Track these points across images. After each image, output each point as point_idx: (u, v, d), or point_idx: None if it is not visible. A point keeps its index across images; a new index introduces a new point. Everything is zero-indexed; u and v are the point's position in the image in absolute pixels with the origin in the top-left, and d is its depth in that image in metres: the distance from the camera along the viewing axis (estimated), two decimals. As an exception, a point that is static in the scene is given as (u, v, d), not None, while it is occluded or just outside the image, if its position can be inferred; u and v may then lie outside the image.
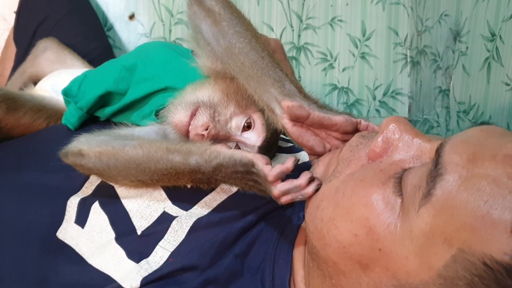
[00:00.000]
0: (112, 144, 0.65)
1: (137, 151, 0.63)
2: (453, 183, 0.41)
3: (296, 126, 0.61)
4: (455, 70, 1.22)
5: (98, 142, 0.67)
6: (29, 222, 0.74)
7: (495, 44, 1.00)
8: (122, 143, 0.65)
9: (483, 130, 0.46)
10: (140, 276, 0.61)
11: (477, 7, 1.09)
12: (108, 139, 0.68)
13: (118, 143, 0.65)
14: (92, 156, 0.66)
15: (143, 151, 0.63)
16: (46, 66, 1.15)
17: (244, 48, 0.64)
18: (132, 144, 0.64)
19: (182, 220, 0.65)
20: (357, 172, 0.51)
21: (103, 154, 0.66)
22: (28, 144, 0.89)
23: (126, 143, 0.65)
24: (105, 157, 0.66)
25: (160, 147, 0.62)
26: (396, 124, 0.50)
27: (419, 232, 0.42)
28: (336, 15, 1.58)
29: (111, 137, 0.69)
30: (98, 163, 0.67)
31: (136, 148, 0.63)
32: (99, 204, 0.71)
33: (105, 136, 0.69)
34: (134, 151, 0.63)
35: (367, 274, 0.46)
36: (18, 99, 0.92)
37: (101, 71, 0.88)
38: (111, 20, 1.58)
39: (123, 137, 0.69)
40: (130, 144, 0.64)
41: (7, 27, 1.52)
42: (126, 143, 0.65)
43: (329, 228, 0.49)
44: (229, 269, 0.61)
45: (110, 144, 0.66)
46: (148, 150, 0.62)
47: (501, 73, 0.99)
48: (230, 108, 0.71)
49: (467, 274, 0.39)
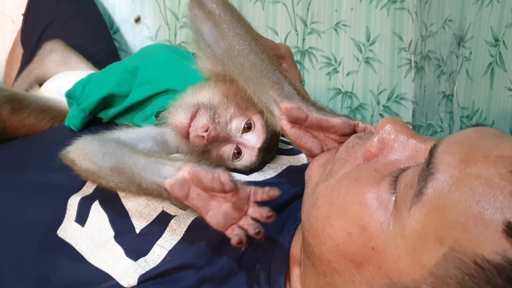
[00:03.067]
0: (95, 162, 0.65)
1: (112, 178, 0.63)
2: (445, 182, 0.41)
3: (294, 128, 0.61)
4: (458, 75, 1.22)
5: (85, 153, 0.67)
6: (30, 220, 0.75)
7: (499, 50, 1.00)
8: (102, 163, 0.65)
9: (477, 131, 0.46)
10: (138, 273, 0.61)
11: (481, 12, 1.10)
12: (96, 149, 0.67)
13: (99, 161, 0.65)
14: (82, 169, 0.68)
15: (117, 179, 0.63)
16: (52, 67, 1.17)
17: (243, 50, 0.65)
18: (109, 166, 0.64)
19: (180, 219, 0.66)
20: (352, 172, 0.51)
21: (89, 170, 0.66)
22: (31, 144, 0.90)
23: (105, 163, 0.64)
24: (91, 174, 0.67)
25: (129, 178, 0.61)
26: (391, 124, 0.51)
27: (411, 230, 0.42)
28: (341, 19, 1.59)
29: (101, 145, 0.67)
30: (88, 177, 0.68)
31: (111, 175, 0.63)
32: (99, 203, 0.72)
33: (96, 145, 0.67)
34: (110, 177, 0.64)
35: (360, 273, 0.47)
36: (23, 100, 0.93)
37: (104, 73, 0.89)
38: (117, 23, 1.60)
39: (110, 145, 0.67)
40: (108, 165, 0.64)
41: (15, 29, 1.53)
42: (104, 165, 0.64)
43: (324, 226, 0.50)
44: (225, 267, 0.61)
45: (94, 160, 0.66)
46: (120, 179, 0.63)
47: (504, 78, 0.99)
48: (230, 109, 0.72)
49: (458, 272, 0.39)
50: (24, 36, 1.35)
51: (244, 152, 0.73)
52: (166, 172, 0.57)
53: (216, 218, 0.53)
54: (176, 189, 0.54)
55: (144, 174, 0.59)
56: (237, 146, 0.72)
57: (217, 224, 0.53)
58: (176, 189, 0.54)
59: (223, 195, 0.54)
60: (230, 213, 0.53)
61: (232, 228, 0.53)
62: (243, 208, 0.54)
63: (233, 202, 0.54)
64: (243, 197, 0.54)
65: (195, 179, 0.53)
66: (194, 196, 0.54)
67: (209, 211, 0.54)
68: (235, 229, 0.53)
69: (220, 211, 0.53)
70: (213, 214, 0.53)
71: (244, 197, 0.54)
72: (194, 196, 0.54)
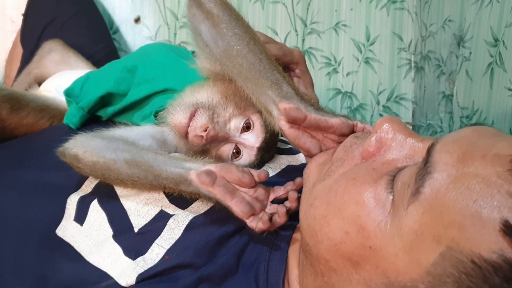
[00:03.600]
0: (105, 155, 0.67)
1: (126, 170, 0.66)
2: (442, 181, 0.41)
3: (293, 128, 0.61)
4: (458, 75, 1.22)
5: (92, 148, 0.68)
6: (29, 219, 0.75)
7: (498, 50, 1.00)
8: (114, 156, 0.66)
9: (475, 130, 0.46)
10: (136, 272, 0.62)
11: (480, 12, 1.10)
12: (102, 145, 0.68)
13: (110, 154, 0.67)
14: (87, 164, 0.68)
15: (132, 171, 0.65)
16: (51, 67, 1.17)
17: (242, 50, 0.65)
18: (123, 159, 0.66)
19: (178, 218, 0.66)
20: (350, 171, 0.51)
21: (96, 165, 0.67)
22: (30, 143, 0.90)
23: (118, 156, 0.66)
24: (99, 168, 0.68)
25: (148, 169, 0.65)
26: (389, 124, 0.51)
27: (408, 229, 0.42)
28: (341, 20, 1.59)
29: (107, 141, 0.69)
30: (93, 172, 0.69)
31: (125, 167, 0.66)
32: (98, 202, 0.72)
33: (101, 140, 0.69)
34: (124, 169, 0.66)
35: (357, 272, 0.47)
36: (21, 99, 0.93)
37: (103, 72, 0.89)
38: (117, 23, 1.60)
39: (118, 141, 0.69)
40: (121, 158, 0.66)
41: (15, 29, 1.53)
42: (117, 158, 0.66)
43: (321, 226, 0.50)
44: (223, 267, 0.61)
45: (102, 154, 0.67)
46: (136, 170, 0.65)
47: (504, 79, 0.99)
48: (229, 109, 0.72)
49: (455, 271, 0.39)
50: (24, 36, 1.35)
51: (243, 152, 0.73)
52: (190, 166, 0.63)
53: (241, 205, 0.58)
54: (203, 176, 0.59)
55: (164, 166, 0.64)
56: (236, 145, 0.72)
57: (241, 210, 0.58)
58: (203, 176, 0.59)
59: (246, 189, 0.60)
60: (253, 204, 0.58)
61: (252, 218, 0.58)
62: (263, 203, 0.60)
63: (255, 196, 0.60)
64: (265, 192, 0.60)
65: (225, 170, 0.60)
66: (221, 183, 0.59)
67: (234, 198, 0.58)
68: (263, 215, 0.58)
69: (244, 200, 0.58)
70: (238, 201, 0.58)
71: (265, 193, 0.60)
72: (221, 183, 0.59)
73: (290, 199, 0.59)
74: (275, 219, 0.58)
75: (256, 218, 0.58)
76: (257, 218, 0.58)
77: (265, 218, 0.57)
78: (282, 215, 0.57)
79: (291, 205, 0.59)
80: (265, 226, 0.56)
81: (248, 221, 0.58)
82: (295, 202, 0.59)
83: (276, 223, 0.58)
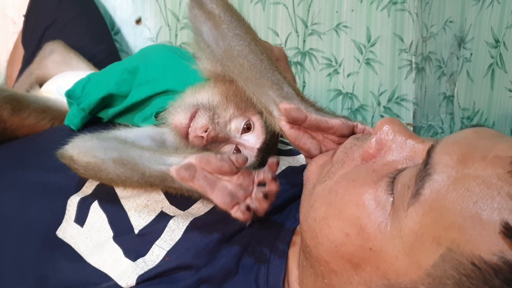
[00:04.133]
0: (96, 155, 0.66)
1: (114, 170, 0.65)
2: (442, 183, 0.41)
3: (293, 128, 0.61)
4: (459, 77, 1.22)
5: (86, 149, 0.68)
6: (30, 220, 0.75)
7: (499, 51, 1.00)
8: (103, 156, 0.66)
9: (475, 131, 0.46)
10: (136, 274, 0.62)
11: (481, 14, 1.10)
12: (96, 145, 0.68)
13: (100, 154, 0.66)
14: (81, 165, 0.68)
15: (119, 170, 0.64)
16: (52, 68, 1.17)
17: (243, 50, 0.65)
18: (111, 158, 0.65)
19: (179, 219, 0.66)
20: (350, 173, 0.51)
21: (89, 165, 0.67)
22: (31, 144, 0.90)
23: (107, 156, 0.66)
24: (91, 168, 0.67)
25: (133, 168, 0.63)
26: (390, 125, 0.51)
27: (408, 231, 0.42)
28: (341, 21, 1.59)
29: (101, 142, 0.69)
30: (87, 173, 0.69)
31: (113, 166, 0.65)
32: (98, 203, 0.72)
33: (96, 141, 0.69)
34: (112, 169, 0.65)
35: (358, 273, 0.47)
36: (23, 100, 0.93)
37: (104, 73, 0.89)
38: (118, 24, 1.60)
39: (111, 140, 0.69)
40: (110, 157, 0.65)
41: (16, 30, 1.54)
42: (106, 157, 0.66)
43: (321, 227, 0.50)
44: (224, 268, 0.61)
45: (94, 154, 0.67)
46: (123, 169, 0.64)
47: (504, 80, 0.99)
48: (230, 110, 0.72)
49: (455, 273, 0.39)
50: (25, 37, 1.35)
51: (244, 153, 0.73)
52: (172, 161, 0.59)
53: (222, 197, 0.54)
54: (182, 171, 0.55)
55: (148, 164, 0.61)
56: (237, 146, 0.72)
57: (222, 202, 0.54)
58: (182, 171, 0.55)
59: (228, 178, 0.55)
60: (235, 193, 0.54)
61: (236, 207, 0.54)
62: (247, 189, 0.55)
63: (238, 183, 0.55)
64: (248, 177, 0.55)
65: (204, 161, 0.56)
66: (201, 177, 0.55)
67: (215, 190, 0.55)
68: (241, 205, 0.53)
69: (226, 191, 0.54)
70: (219, 192, 0.54)
71: (249, 178, 0.55)
72: (201, 177, 0.55)
73: (266, 181, 0.55)
74: (255, 206, 0.54)
75: (242, 205, 0.54)
76: (242, 205, 0.54)
77: (243, 209, 0.53)
78: (259, 200, 0.54)
79: (269, 188, 0.55)
80: (244, 217, 0.53)
81: (232, 212, 0.54)
82: (272, 184, 0.55)
83: (258, 210, 0.54)
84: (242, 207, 0.53)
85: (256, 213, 0.54)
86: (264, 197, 0.53)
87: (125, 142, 0.68)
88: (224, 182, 0.55)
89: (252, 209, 0.53)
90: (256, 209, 0.53)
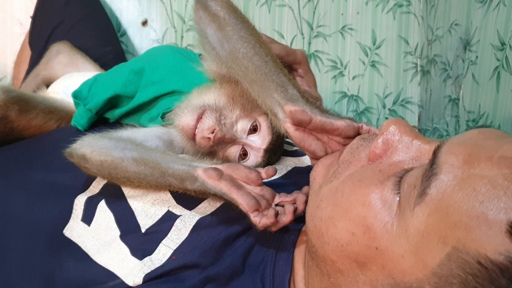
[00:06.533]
0: (112, 154, 0.68)
1: (133, 168, 0.66)
2: (448, 183, 0.41)
3: (298, 130, 0.61)
4: (464, 79, 1.22)
5: (100, 147, 0.69)
6: (37, 219, 0.75)
7: (505, 53, 1.00)
8: (122, 155, 0.67)
9: (481, 132, 0.46)
10: (143, 272, 0.62)
11: (487, 16, 1.09)
12: (110, 144, 0.69)
13: (118, 153, 0.68)
14: (95, 163, 0.69)
15: (139, 169, 0.66)
16: (59, 69, 1.18)
17: (248, 53, 0.65)
18: (131, 157, 0.67)
19: (185, 219, 0.66)
20: (356, 173, 0.51)
21: (104, 163, 0.68)
22: (38, 144, 0.91)
23: (125, 155, 0.67)
24: (106, 167, 0.68)
25: (155, 167, 0.65)
26: (396, 126, 0.51)
27: (414, 230, 0.42)
28: (347, 23, 1.59)
29: (114, 141, 0.70)
30: (100, 171, 0.70)
31: (133, 165, 0.67)
32: (105, 202, 0.72)
33: (108, 141, 0.70)
34: (131, 167, 0.67)
35: (364, 273, 0.47)
36: (30, 101, 0.94)
37: (110, 74, 0.90)
38: (124, 26, 1.61)
39: (126, 141, 0.70)
40: (129, 156, 0.67)
41: (23, 32, 1.55)
42: (125, 156, 0.67)
43: (327, 227, 0.50)
44: (230, 267, 0.61)
45: (110, 153, 0.68)
46: (143, 168, 0.66)
47: (510, 82, 0.98)
48: (236, 111, 0.72)
49: (461, 272, 0.40)
50: (32, 39, 1.36)
51: (250, 154, 0.73)
52: (198, 164, 0.64)
53: (247, 198, 0.57)
54: (210, 171, 0.59)
55: (172, 165, 0.64)
56: (243, 147, 0.73)
57: (247, 203, 0.57)
58: (210, 171, 0.59)
59: (252, 187, 0.60)
60: (259, 200, 0.58)
61: (256, 212, 0.57)
62: (268, 201, 0.59)
63: (261, 193, 0.59)
64: (270, 192, 0.60)
65: (232, 167, 0.61)
66: (227, 178, 0.59)
67: (240, 191, 0.58)
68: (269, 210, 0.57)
69: (250, 194, 0.58)
70: (244, 194, 0.58)
71: (270, 193, 0.60)
72: (227, 178, 0.59)
73: (298, 201, 0.59)
74: (281, 217, 0.56)
75: (261, 213, 0.57)
76: (261, 214, 0.56)
77: (271, 213, 0.55)
78: (288, 212, 0.56)
79: (299, 206, 0.58)
80: (269, 221, 0.55)
81: (252, 216, 0.56)
82: (303, 205, 0.58)
83: (282, 221, 0.56)
84: (271, 212, 0.56)
85: (278, 223, 0.56)
86: (293, 212, 0.57)
87: (141, 144, 0.70)
88: (249, 187, 0.60)
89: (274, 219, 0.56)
90: (280, 219, 0.56)
